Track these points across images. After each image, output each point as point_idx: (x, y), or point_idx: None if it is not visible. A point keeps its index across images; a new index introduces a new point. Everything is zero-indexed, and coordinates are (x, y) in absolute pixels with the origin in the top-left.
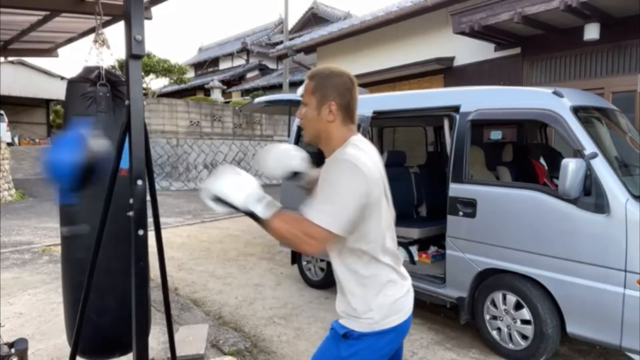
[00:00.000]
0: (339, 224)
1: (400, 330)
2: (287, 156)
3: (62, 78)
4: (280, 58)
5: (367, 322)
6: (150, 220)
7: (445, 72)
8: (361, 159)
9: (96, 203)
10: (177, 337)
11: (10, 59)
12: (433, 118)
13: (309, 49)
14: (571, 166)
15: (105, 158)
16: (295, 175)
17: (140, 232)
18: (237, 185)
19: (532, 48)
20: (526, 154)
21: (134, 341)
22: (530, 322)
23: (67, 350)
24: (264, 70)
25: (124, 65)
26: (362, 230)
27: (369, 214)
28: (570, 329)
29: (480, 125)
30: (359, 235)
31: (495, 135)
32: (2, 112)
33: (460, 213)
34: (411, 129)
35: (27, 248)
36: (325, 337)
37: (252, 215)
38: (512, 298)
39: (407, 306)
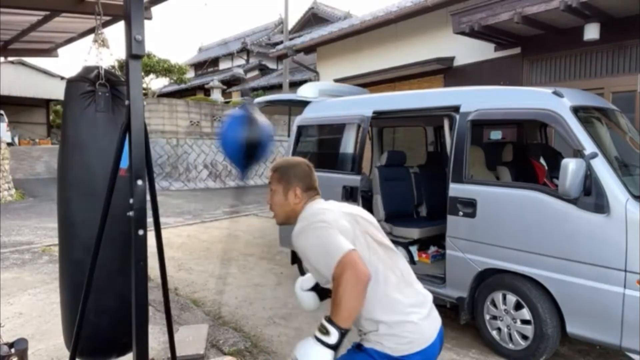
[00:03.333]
0: (345, 243)
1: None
2: (300, 298)
3: (62, 78)
4: (280, 58)
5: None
6: (150, 220)
7: (445, 72)
8: (308, 211)
9: (96, 203)
10: (177, 337)
11: (10, 59)
12: (433, 118)
13: (309, 49)
14: (571, 166)
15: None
16: (315, 287)
17: (140, 232)
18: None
19: (532, 48)
20: (526, 154)
21: (134, 341)
22: (530, 322)
23: (67, 350)
24: (264, 70)
25: (124, 65)
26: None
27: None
28: (570, 329)
29: (480, 125)
30: None
31: (495, 135)
32: (2, 112)
33: (460, 213)
34: (411, 129)
35: (27, 248)
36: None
37: (338, 343)
38: (512, 298)
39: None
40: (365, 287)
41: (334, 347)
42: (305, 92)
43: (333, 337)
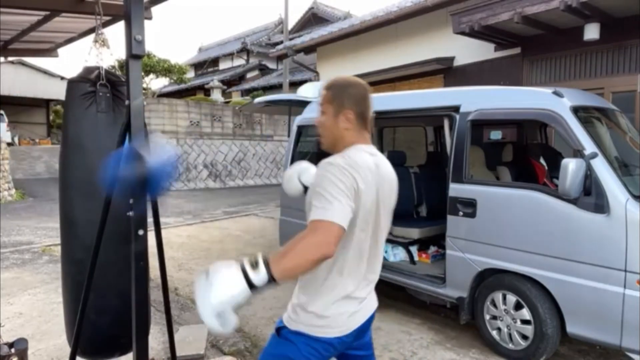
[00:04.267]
0: (338, 215)
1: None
2: (290, 179)
3: (62, 78)
4: (280, 58)
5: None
6: (150, 220)
7: (445, 72)
8: (347, 160)
9: (97, 203)
10: (177, 337)
11: (10, 59)
12: (433, 118)
13: (309, 49)
14: (571, 166)
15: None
16: (307, 189)
17: (140, 232)
18: (225, 285)
19: (532, 48)
20: (526, 154)
21: (134, 341)
22: (530, 322)
23: (67, 350)
24: (264, 70)
25: (124, 65)
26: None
27: (355, 218)
28: (570, 329)
29: (480, 125)
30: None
31: (495, 135)
32: (2, 112)
33: (460, 213)
34: (411, 129)
35: (27, 248)
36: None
37: (260, 285)
38: (512, 298)
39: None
40: (318, 264)
41: (251, 286)
42: (305, 92)
43: (258, 276)
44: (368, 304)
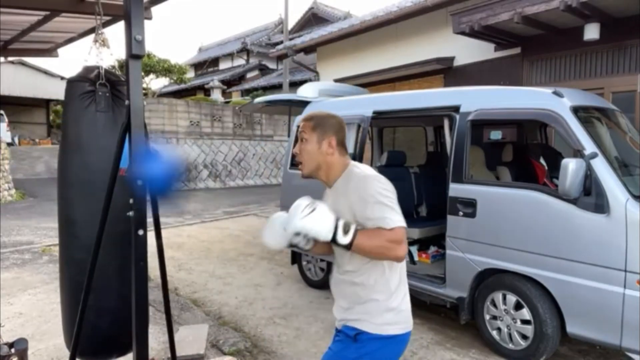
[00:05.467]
0: (404, 220)
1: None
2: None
3: (62, 78)
4: (280, 58)
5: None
6: (150, 220)
7: (445, 72)
8: (368, 172)
9: (96, 203)
10: (177, 337)
11: (10, 59)
12: (433, 118)
13: (309, 49)
14: (571, 166)
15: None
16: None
17: (140, 232)
18: (316, 220)
19: (532, 48)
20: (526, 154)
21: (134, 341)
22: (530, 322)
23: (67, 350)
24: (264, 70)
25: (124, 65)
26: None
27: None
28: (570, 329)
29: (480, 125)
30: None
31: (495, 135)
32: (2, 112)
33: (460, 213)
34: (411, 129)
35: (27, 248)
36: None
37: (338, 243)
38: (512, 298)
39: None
40: (385, 259)
41: (334, 239)
42: (305, 92)
43: (343, 238)
44: None
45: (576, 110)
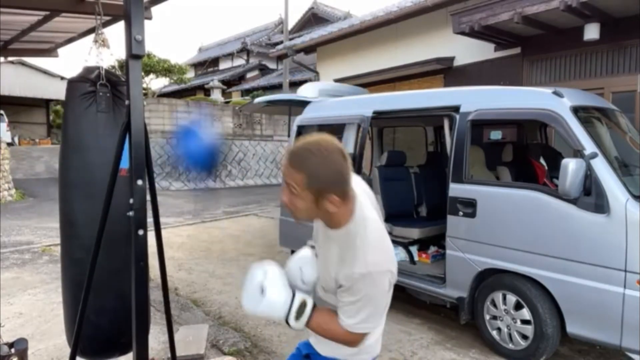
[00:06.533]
0: (375, 323)
1: None
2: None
3: (62, 78)
4: (280, 58)
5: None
6: (150, 220)
7: (445, 72)
8: (388, 257)
9: (96, 203)
10: (177, 337)
11: (10, 59)
12: (433, 118)
13: (309, 49)
14: (571, 166)
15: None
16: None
17: (140, 232)
18: (265, 307)
19: (532, 48)
20: (526, 154)
21: (134, 341)
22: (530, 322)
23: (67, 350)
24: (264, 70)
25: (124, 65)
26: None
27: None
28: (570, 329)
29: (480, 125)
30: None
31: (495, 135)
32: (2, 112)
33: (460, 213)
34: (411, 129)
35: (27, 248)
36: None
37: (292, 327)
38: (512, 298)
39: None
40: None
41: (286, 320)
42: (305, 92)
43: (295, 323)
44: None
45: (576, 110)
